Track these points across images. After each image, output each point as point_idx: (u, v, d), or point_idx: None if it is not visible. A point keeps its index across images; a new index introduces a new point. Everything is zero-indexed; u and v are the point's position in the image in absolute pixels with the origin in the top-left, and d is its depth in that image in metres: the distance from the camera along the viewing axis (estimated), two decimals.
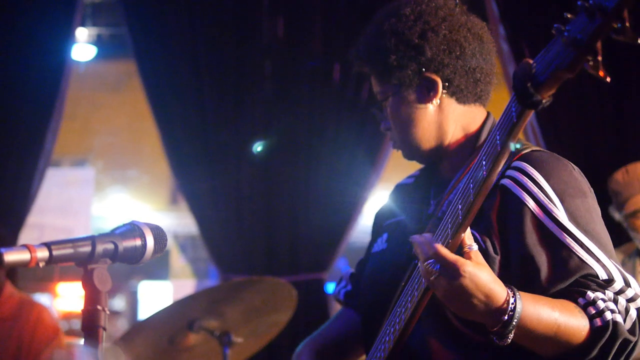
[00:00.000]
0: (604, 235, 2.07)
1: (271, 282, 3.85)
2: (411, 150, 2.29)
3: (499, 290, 1.87)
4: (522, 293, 1.91)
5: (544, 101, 1.70)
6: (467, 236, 1.90)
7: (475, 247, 1.90)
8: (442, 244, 1.90)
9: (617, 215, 4.07)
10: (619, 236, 2.06)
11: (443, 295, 1.90)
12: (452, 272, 1.85)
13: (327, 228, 5.56)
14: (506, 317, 1.87)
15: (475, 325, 1.99)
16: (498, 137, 1.81)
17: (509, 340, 1.89)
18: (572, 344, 1.94)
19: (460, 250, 1.89)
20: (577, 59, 1.59)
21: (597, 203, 2.11)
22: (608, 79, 1.57)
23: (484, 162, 1.85)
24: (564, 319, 1.92)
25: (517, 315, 1.87)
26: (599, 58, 1.57)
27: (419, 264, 1.95)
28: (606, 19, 1.52)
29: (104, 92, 8.91)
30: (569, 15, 1.61)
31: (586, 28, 1.55)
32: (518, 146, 1.84)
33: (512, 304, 1.87)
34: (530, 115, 1.76)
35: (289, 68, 5.68)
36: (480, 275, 1.85)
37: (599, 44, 1.56)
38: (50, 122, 5.46)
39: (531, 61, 1.69)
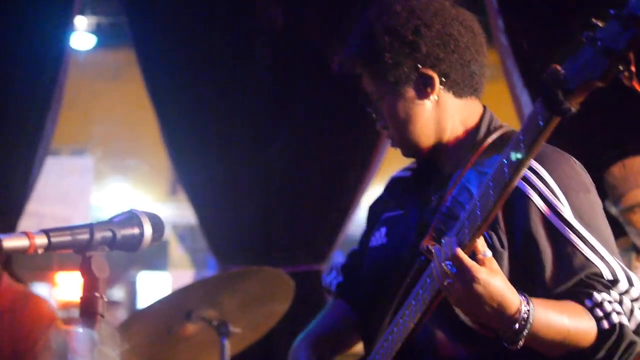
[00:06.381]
0: (607, 231, 2.09)
1: (269, 272, 3.85)
2: (410, 148, 2.29)
3: (512, 299, 1.88)
4: (533, 300, 1.92)
5: (572, 109, 1.69)
6: (481, 243, 1.91)
7: (489, 253, 1.90)
8: (458, 246, 1.90)
9: (613, 210, 4.08)
10: (614, 230, 2.08)
11: (456, 299, 1.92)
12: (467, 278, 1.86)
13: (325, 220, 5.57)
14: (517, 326, 1.89)
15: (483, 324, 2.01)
16: (522, 142, 1.80)
17: (519, 346, 1.91)
18: (580, 347, 1.96)
19: (473, 256, 1.90)
20: (610, 69, 1.59)
21: (598, 198, 2.13)
22: None
23: (506, 167, 1.84)
24: (573, 323, 1.94)
25: (529, 324, 1.89)
26: (632, 68, 1.57)
27: (434, 265, 1.95)
28: None
29: (103, 81, 8.90)
30: (598, 23, 1.60)
31: (620, 37, 1.56)
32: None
33: (525, 313, 1.89)
34: (557, 123, 1.75)
35: (287, 58, 5.69)
36: (494, 283, 1.87)
37: (631, 54, 1.56)
38: (49, 111, 5.45)
39: (559, 67, 1.68)
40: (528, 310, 1.89)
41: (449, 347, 2.15)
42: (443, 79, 2.21)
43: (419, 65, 2.20)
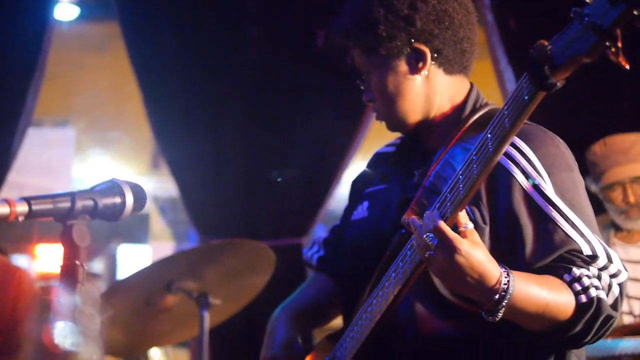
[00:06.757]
0: (588, 209, 2.11)
1: (250, 245, 3.86)
2: (397, 122, 2.29)
3: (492, 270, 1.91)
4: (514, 272, 1.94)
5: (558, 84, 1.70)
6: (462, 215, 1.93)
7: (470, 225, 1.93)
8: (441, 218, 1.92)
9: (593, 187, 4.10)
10: (594, 207, 2.12)
11: (438, 270, 1.94)
12: (449, 249, 1.88)
13: (307, 194, 5.57)
14: (497, 297, 1.92)
15: (463, 296, 2.03)
16: (507, 116, 1.81)
17: (498, 318, 1.94)
18: (559, 320, 1.99)
19: (455, 228, 1.91)
20: (597, 45, 1.59)
21: (581, 177, 2.15)
22: (627, 66, 1.57)
23: (490, 141, 1.86)
24: (552, 296, 1.97)
25: (508, 295, 1.91)
26: (619, 44, 1.57)
27: (415, 237, 1.97)
28: (630, 6, 1.53)
29: (86, 52, 8.83)
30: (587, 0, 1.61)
31: (608, 14, 1.56)
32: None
33: (505, 284, 1.92)
34: (542, 97, 1.76)
35: (273, 34, 5.67)
36: (475, 254, 1.89)
37: (618, 30, 1.56)
38: (32, 82, 5.42)
39: (546, 43, 1.69)
40: (508, 282, 1.92)
41: (429, 321, 2.17)
42: (435, 55, 2.22)
43: (413, 40, 2.21)
